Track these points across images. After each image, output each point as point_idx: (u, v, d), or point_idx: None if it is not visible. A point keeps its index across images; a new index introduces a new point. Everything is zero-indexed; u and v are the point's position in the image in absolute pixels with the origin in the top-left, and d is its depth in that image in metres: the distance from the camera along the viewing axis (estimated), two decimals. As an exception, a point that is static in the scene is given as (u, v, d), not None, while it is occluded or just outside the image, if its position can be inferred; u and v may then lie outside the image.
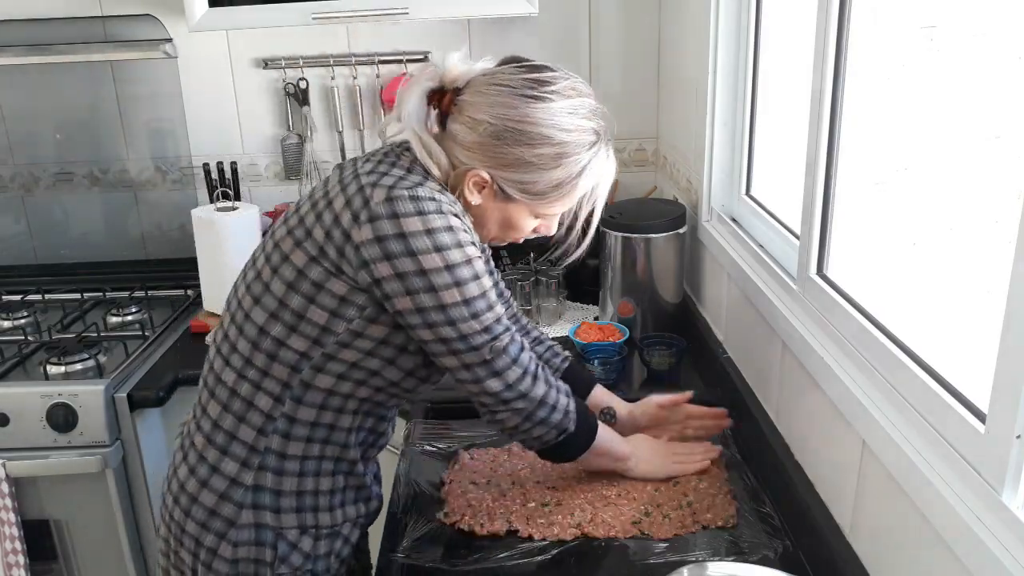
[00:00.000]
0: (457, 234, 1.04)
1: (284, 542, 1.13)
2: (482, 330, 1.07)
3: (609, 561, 1.16)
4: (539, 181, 1.08)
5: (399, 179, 1.05)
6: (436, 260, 1.02)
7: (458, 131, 1.08)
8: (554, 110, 1.06)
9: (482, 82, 1.08)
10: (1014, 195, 0.81)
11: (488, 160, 1.08)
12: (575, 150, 1.08)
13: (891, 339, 1.02)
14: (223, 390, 1.12)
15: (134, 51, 2.15)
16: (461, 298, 1.04)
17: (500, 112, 1.05)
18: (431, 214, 1.03)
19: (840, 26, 1.14)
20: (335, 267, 1.04)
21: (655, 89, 2.23)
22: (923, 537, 0.88)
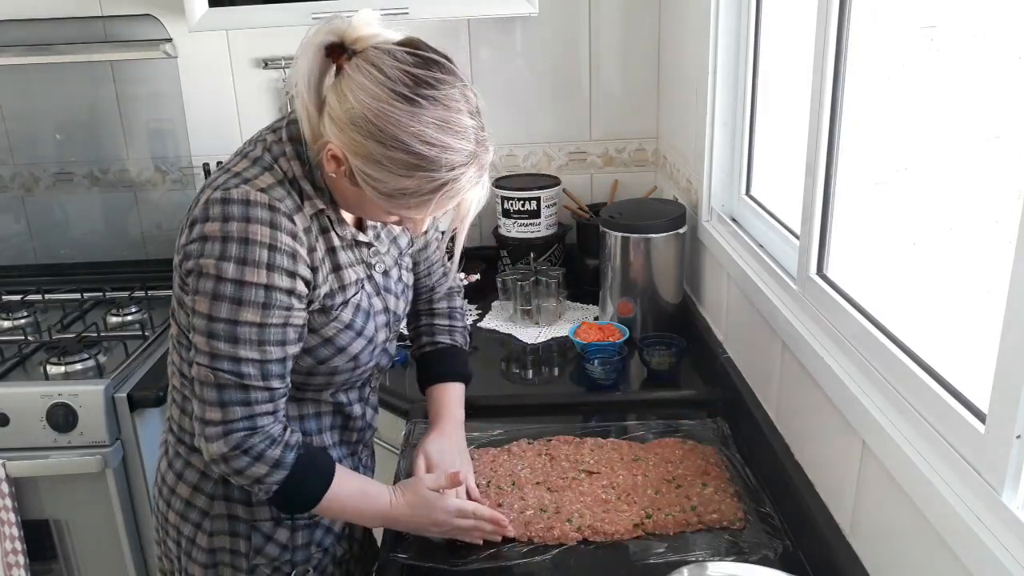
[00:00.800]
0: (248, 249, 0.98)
1: (258, 533, 1.16)
2: (205, 351, 1.01)
3: (609, 561, 1.16)
4: (387, 183, 0.98)
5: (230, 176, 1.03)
6: (210, 266, 0.99)
7: (331, 100, 0.98)
8: (420, 117, 0.94)
9: (368, 57, 0.97)
10: (1014, 195, 0.81)
11: (344, 141, 0.98)
12: (433, 166, 0.96)
13: (891, 339, 1.02)
14: (176, 393, 1.18)
15: (134, 51, 2.15)
16: (207, 311, 1.00)
17: (364, 99, 0.95)
18: (233, 220, 0.98)
19: (840, 26, 1.14)
20: (180, 278, 1.07)
21: (655, 89, 2.23)
22: (923, 537, 0.88)
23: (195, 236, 1.01)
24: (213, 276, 0.99)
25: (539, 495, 1.28)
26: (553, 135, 2.27)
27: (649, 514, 1.22)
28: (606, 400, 1.62)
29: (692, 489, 1.28)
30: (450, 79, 0.98)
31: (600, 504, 1.25)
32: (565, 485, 1.30)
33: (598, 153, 2.29)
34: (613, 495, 1.27)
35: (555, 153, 2.29)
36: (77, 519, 1.80)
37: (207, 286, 1.00)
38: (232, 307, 1.00)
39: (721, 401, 1.55)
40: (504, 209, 2.12)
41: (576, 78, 2.22)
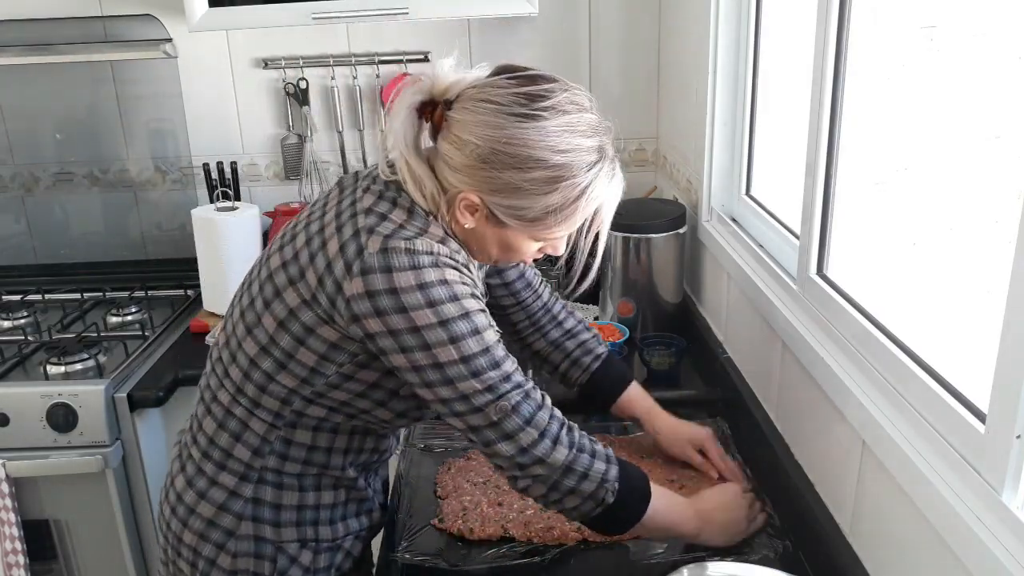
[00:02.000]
0: (453, 287, 0.97)
1: (284, 556, 1.12)
2: (484, 389, 0.98)
3: (609, 561, 1.16)
4: (533, 207, 0.98)
5: (397, 227, 0.98)
6: (429, 316, 0.95)
7: (447, 150, 0.99)
8: (548, 129, 0.95)
9: (471, 96, 0.98)
10: (1014, 195, 0.81)
11: (477, 183, 0.98)
12: (572, 172, 0.97)
13: (891, 339, 1.02)
14: (219, 408, 1.11)
15: (134, 51, 2.15)
16: (458, 356, 0.96)
17: (487, 132, 0.95)
18: (426, 268, 0.96)
19: (840, 26, 1.14)
20: (327, 315, 1.00)
21: (655, 89, 2.23)
22: (923, 537, 0.88)
23: (381, 287, 0.95)
24: (436, 323, 0.95)
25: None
26: (553, 135, 2.27)
27: None
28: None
29: (695, 491, 1.26)
30: (556, 86, 0.99)
31: None
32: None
33: (598, 153, 2.29)
34: None
35: (555, 153, 2.29)
36: (77, 519, 1.80)
37: (438, 335, 0.96)
38: (476, 339, 0.97)
39: (721, 401, 1.55)
40: (504, 209, 2.11)
41: (576, 78, 2.19)
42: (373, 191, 1.04)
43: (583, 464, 1.02)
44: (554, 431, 1.01)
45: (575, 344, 1.36)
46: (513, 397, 0.99)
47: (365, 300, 0.95)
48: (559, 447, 1.01)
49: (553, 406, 1.04)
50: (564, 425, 1.03)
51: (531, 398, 1.01)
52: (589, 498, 1.03)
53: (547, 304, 1.37)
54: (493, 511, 1.24)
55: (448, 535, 1.22)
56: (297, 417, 1.07)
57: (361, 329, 0.97)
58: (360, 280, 0.95)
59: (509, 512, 1.24)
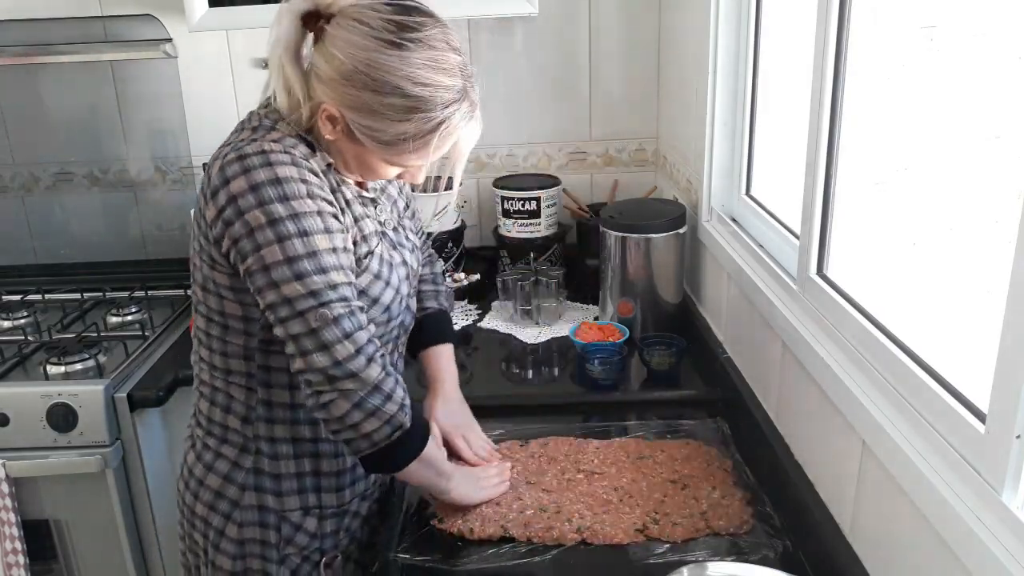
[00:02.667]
0: (284, 185, 0.99)
1: (288, 524, 1.17)
2: (307, 293, 0.99)
3: (609, 561, 1.16)
4: (387, 131, 1.01)
5: (237, 143, 1.03)
6: (259, 216, 0.98)
7: (318, 62, 1.02)
8: (411, 60, 0.98)
9: (348, 13, 1.00)
10: (1014, 195, 0.81)
11: (338, 98, 1.01)
12: (429, 107, 1.00)
13: (891, 339, 1.02)
14: (205, 387, 1.17)
15: (134, 51, 2.15)
16: (282, 256, 0.98)
17: (352, 52, 0.98)
18: (255, 169, 0.98)
19: (840, 26, 1.14)
20: (210, 259, 1.05)
21: (655, 89, 2.23)
22: (923, 537, 0.88)
23: (223, 202, 0.99)
24: (266, 223, 0.98)
25: (537, 495, 1.28)
26: (553, 135, 2.27)
27: (656, 519, 1.21)
28: (606, 400, 1.62)
29: (699, 492, 1.27)
30: (430, 20, 1.01)
31: (602, 505, 1.25)
32: (563, 486, 1.30)
33: (598, 153, 2.29)
34: (615, 497, 1.26)
35: (555, 153, 2.29)
36: (77, 519, 1.80)
37: (267, 235, 0.98)
38: (303, 240, 0.98)
39: (721, 401, 1.55)
40: (504, 209, 2.12)
41: (576, 78, 2.22)
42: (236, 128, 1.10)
43: (389, 385, 1.04)
44: (370, 351, 1.03)
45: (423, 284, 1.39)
46: (336, 308, 1.00)
47: (217, 220, 1.00)
48: (373, 364, 1.02)
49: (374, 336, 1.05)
50: (379, 349, 1.05)
51: (355, 316, 1.02)
52: (388, 422, 1.04)
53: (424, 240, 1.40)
54: (492, 511, 1.25)
55: (448, 535, 1.22)
56: (266, 374, 1.11)
57: (221, 252, 1.02)
58: (211, 203, 1.00)
59: (509, 512, 1.24)
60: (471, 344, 1.91)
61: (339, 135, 1.04)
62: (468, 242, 2.23)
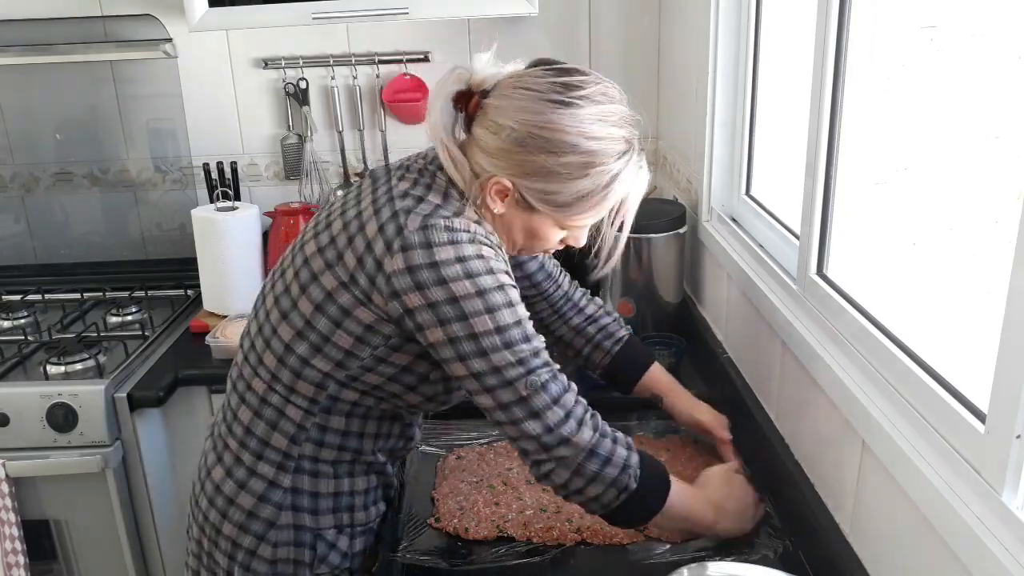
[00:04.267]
0: (489, 261, 1.00)
1: (323, 542, 1.14)
2: (516, 362, 0.99)
3: (609, 561, 1.16)
4: (563, 192, 1.02)
5: (435, 207, 1.02)
6: (467, 286, 0.98)
7: (481, 136, 1.03)
8: (582, 116, 1.00)
9: (508, 84, 1.03)
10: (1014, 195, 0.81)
11: (510, 168, 1.02)
12: (603, 160, 1.02)
13: (891, 339, 1.02)
14: (253, 397, 1.12)
15: (134, 51, 2.15)
16: (493, 326, 0.99)
17: (524, 117, 1.00)
18: (464, 243, 1.00)
19: (840, 26, 1.14)
20: (365, 296, 1.02)
21: (655, 89, 2.23)
22: (923, 537, 0.88)
23: (420, 261, 0.98)
24: (474, 293, 0.98)
25: (537, 495, 1.28)
26: (553, 135, 2.27)
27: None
28: (606, 400, 1.62)
29: None
30: (591, 77, 1.04)
31: None
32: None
33: (598, 153, 2.29)
34: None
35: (555, 153, 2.29)
36: (77, 519, 1.80)
37: (475, 305, 0.98)
38: (510, 311, 1.00)
39: (721, 401, 1.55)
40: (504, 209, 2.11)
41: (576, 78, 2.21)
42: (408, 178, 1.07)
43: (606, 448, 1.03)
44: (579, 413, 1.03)
45: (596, 328, 1.40)
46: (543, 374, 1.01)
47: (406, 275, 0.98)
48: (584, 428, 1.02)
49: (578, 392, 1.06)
50: (588, 410, 1.05)
51: (559, 379, 1.03)
52: (612, 485, 1.03)
53: (567, 292, 1.40)
54: (489, 511, 1.25)
55: (447, 535, 1.22)
56: (332, 402, 1.09)
57: (400, 305, 0.99)
58: (401, 256, 0.99)
59: (508, 512, 1.24)
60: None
61: (509, 207, 1.05)
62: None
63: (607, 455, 1.03)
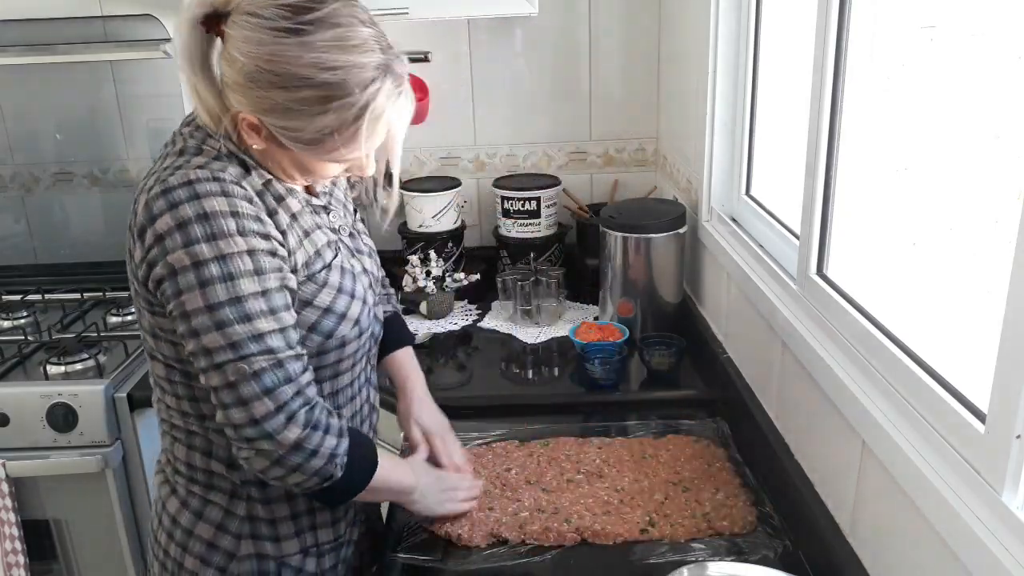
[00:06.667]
0: (212, 221, 0.91)
1: (288, 569, 1.11)
2: (227, 345, 0.91)
3: (609, 561, 1.16)
4: (307, 128, 0.91)
5: (163, 170, 0.95)
6: (183, 258, 0.90)
7: (223, 68, 0.93)
8: (314, 45, 0.88)
9: (242, 8, 0.91)
10: (1014, 195, 0.81)
11: (250, 103, 0.92)
12: (344, 91, 0.89)
13: (891, 339, 1.02)
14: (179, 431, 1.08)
15: (134, 51, 2.15)
16: (204, 303, 0.90)
17: (251, 49, 0.89)
18: (181, 204, 0.91)
19: (840, 26, 1.14)
20: (148, 303, 0.99)
21: (655, 89, 2.23)
22: (923, 537, 0.88)
23: (150, 242, 0.93)
24: (190, 266, 0.91)
25: (535, 495, 1.27)
26: (553, 135, 2.27)
27: (654, 522, 1.20)
28: (606, 400, 1.62)
29: (702, 494, 1.26)
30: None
31: (602, 506, 1.24)
32: (562, 486, 1.30)
33: (598, 153, 2.29)
34: (616, 498, 1.26)
35: (555, 153, 2.29)
36: (77, 519, 1.80)
37: (189, 279, 0.91)
38: (227, 286, 0.91)
39: (721, 401, 1.55)
40: (504, 209, 2.12)
41: (576, 78, 2.22)
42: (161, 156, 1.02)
43: (314, 442, 0.96)
44: (293, 408, 0.95)
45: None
46: (257, 361, 0.92)
47: (143, 261, 0.94)
48: (292, 426, 0.95)
49: (308, 384, 0.98)
50: (308, 404, 0.97)
51: (281, 368, 0.94)
52: (315, 474, 0.98)
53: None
54: (483, 515, 1.24)
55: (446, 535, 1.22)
56: None
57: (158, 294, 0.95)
58: (138, 243, 0.95)
59: (502, 515, 1.23)
60: (471, 344, 1.91)
61: (266, 142, 0.96)
62: (468, 242, 2.23)
63: (314, 448, 0.96)
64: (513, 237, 2.13)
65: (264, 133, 0.95)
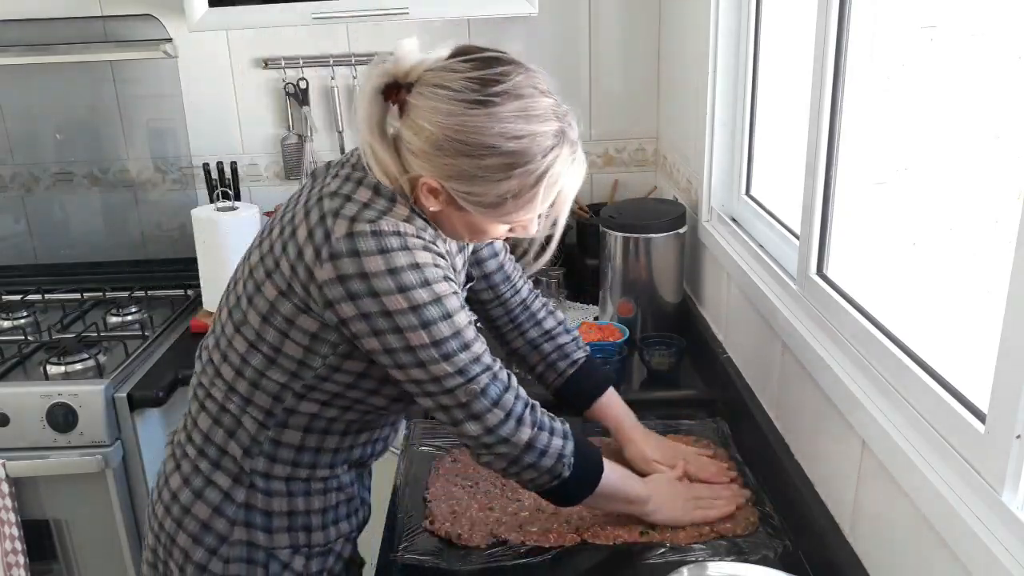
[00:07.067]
0: (424, 271, 0.98)
1: (276, 562, 1.12)
2: (455, 372, 1.00)
3: (609, 561, 1.16)
4: (488, 193, 0.97)
5: (362, 207, 0.99)
6: (400, 301, 0.96)
7: (406, 135, 0.98)
8: (500, 116, 0.94)
9: (428, 80, 0.97)
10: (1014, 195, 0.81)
11: (434, 169, 0.98)
12: (527, 159, 0.95)
13: (891, 339, 1.02)
14: (213, 404, 1.11)
15: (134, 51, 2.15)
16: (429, 340, 0.98)
17: (439, 119, 0.94)
18: (394, 252, 0.96)
19: (840, 26, 1.14)
20: (303, 304, 1.00)
21: (655, 89, 2.23)
22: (923, 537, 0.88)
23: (351, 271, 0.96)
24: (408, 308, 0.96)
25: (534, 495, 1.26)
26: (553, 135, 2.27)
27: (654, 525, 1.20)
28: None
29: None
30: (512, 68, 0.97)
31: None
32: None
33: (598, 153, 2.29)
34: None
35: (555, 153, 2.29)
36: (77, 519, 1.79)
37: (410, 320, 0.97)
38: (447, 323, 0.99)
39: (721, 401, 1.55)
40: (504, 209, 2.11)
41: (576, 78, 2.22)
42: (340, 175, 1.04)
43: (543, 442, 1.06)
44: (518, 411, 1.05)
45: (553, 347, 1.34)
46: (482, 380, 1.02)
47: (336, 285, 0.96)
48: (522, 427, 1.05)
49: (518, 385, 1.07)
50: (527, 405, 1.07)
51: (498, 379, 1.04)
52: (546, 472, 1.08)
53: (526, 300, 1.35)
54: (483, 515, 1.24)
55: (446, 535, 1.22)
56: (288, 415, 1.07)
57: (335, 315, 0.98)
58: (330, 265, 0.96)
59: (502, 515, 1.23)
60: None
61: (443, 205, 1.01)
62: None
63: (543, 448, 1.06)
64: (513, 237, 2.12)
65: (443, 197, 1.01)
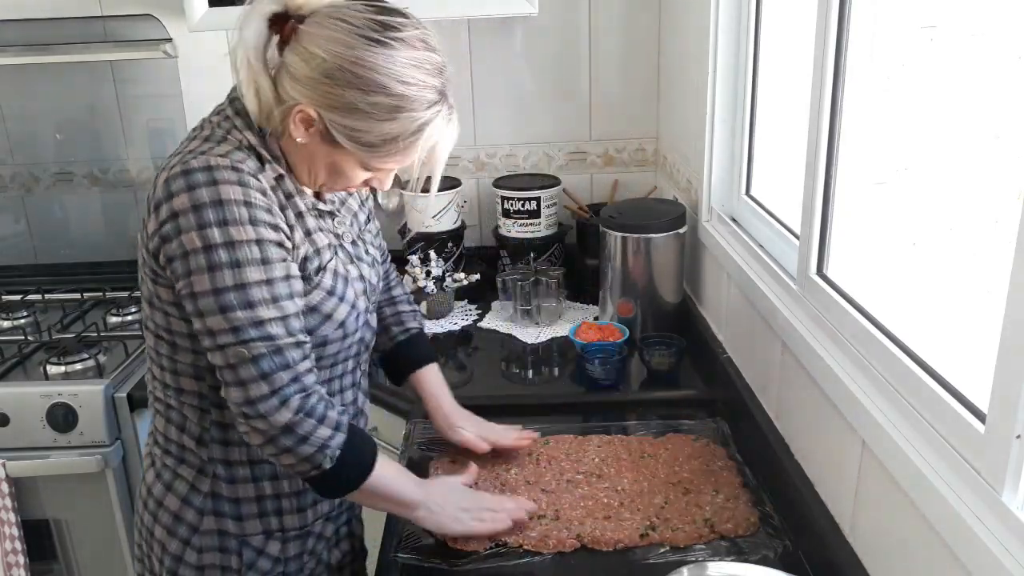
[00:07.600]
0: (227, 208, 0.96)
1: (249, 548, 1.13)
2: (228, 329, 0.97)
3: (609, 561, 1.16)
4: (370, 131, 0.99)
5: (186, 154, 0.99)
6: (195, 239, 0.95)
7: (293, 62, 0.99)
8: (395, 59, 0.97)
9: (325, 13, 0.99)
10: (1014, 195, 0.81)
11: (317, 98, 0.98)
12: (413, 106, 0.99)
13: (891, 339, 1.02)
14: (159, 403, 1.14)
15: (134, 51, 2.15)
16: (211, 286, 0.96)
17: (336, 49, 0.96)
18: (200, 187, 0.96)
19: (840, 26, 1.14)
20: (154, 274, 1.02)
21: (655, 89, 2.23)
22: (923, 537, 0.88)
23: (164, 217, 0.97)
24: (201, 248, 0.96)
25: (534, 497, 1.26)
26: (553, 135, 2.27)
27: (654, 526, 1.20)
28: (606, 400, 1.62)
29: (703, 496, 1.26)
30: (409, 21, 1.01)
31: (602, 509, 1.24)
32: (561, 487, 1.29)
33: (598, 153, 2.29)
34: (616, 500, 1.25)
35: (555, 153, 2.29)
36: (77, 519, 1.80)
37: (199, 261, 0.96)
38: (234, 272, 0.96)
39: (721, 401, 1.55)
40: (504, 209, 2.12)
41: (576, 78, 2.22)
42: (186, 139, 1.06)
43: (305, 429, 1.01)
44: (287, 393, 1.00)
45: (392, 312, 1.37)
46: (256, 347, 0.98)
47: (156, 234, 0.98)
48: (284, 409, 0.99)
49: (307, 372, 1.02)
50: (305, 392, 1.01)
51: (280, 355, 0.99)
52: (305, 460, 1.02)
53: (387, 270, 1.38)
54: None
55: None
56: (219, 394, 1.05)
57: (161, 266, 1.00)
58: (153, 215, 0.99)
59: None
60: (471, 344, 1.91)
61: (312, 137, 1.01)
62: (468, 242, 2.23)
63: (304, 435, 1.01)
64: (513, 237, 2.13)
65: (315, 129, 1.01)
